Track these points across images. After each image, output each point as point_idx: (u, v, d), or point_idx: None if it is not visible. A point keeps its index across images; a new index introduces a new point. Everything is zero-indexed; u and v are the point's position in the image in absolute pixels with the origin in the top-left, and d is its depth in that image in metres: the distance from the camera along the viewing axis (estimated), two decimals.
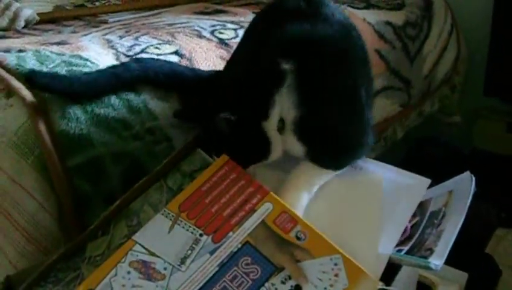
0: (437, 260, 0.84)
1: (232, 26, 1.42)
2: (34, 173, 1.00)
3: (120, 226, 0.94)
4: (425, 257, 0.86)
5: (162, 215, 0.88)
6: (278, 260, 0.83)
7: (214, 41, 1.32)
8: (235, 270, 0.83)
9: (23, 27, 1.50)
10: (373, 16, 1.58)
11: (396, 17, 1.63)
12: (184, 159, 0.98)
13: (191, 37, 1.33)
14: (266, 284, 0.82)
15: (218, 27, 1.41)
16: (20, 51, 1.20)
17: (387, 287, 0.89)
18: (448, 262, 0.85)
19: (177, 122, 1.08)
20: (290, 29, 0.96)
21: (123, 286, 0.83)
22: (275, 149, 0.94)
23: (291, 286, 0.81)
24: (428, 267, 0.84)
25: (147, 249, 0.86)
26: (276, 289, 0.81)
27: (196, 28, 1.39)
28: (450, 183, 1.01)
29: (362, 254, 0.85)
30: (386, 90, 1.55)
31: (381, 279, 0.85)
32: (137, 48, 1.25)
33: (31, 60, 1.14)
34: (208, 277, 0.82)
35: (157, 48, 1.26)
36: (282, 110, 0.91)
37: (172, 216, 0.88)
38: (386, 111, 1.58)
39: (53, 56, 1.17)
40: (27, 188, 1.00)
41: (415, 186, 0.98)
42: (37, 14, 1.54)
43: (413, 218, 0.96)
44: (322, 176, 0.95)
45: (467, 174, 0.98)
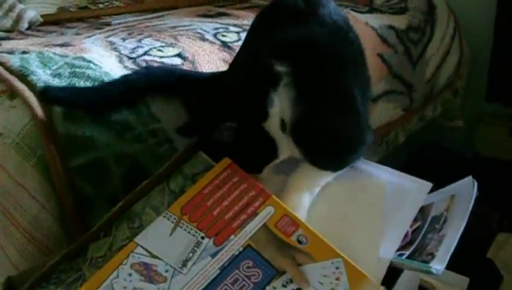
0: (438, 265, 0.84)
1: (234, 29, 1.42)
2: (36, 174, 1.00)
3: (122, 228, 0.94)
4: (427, 262, 0.86)
5: (164, 217, 0.88)
6: (280, 264, 0.83)
7: (216, 44, 1.32)
8: (237, 273, 0.83)
9: (27, 28, 1.50)
10: (376, 20, 1.58)
11: (399, 21, 1.63)
12: (186, 162, 0.98)
13: (194, 39, 1.33)
14: (267, 288, 0.81)
15: (221, 30, 1.41)
16: (23, 52, 1.21)
17: None
18: (449, 267, 0.85)
19: (180, 124, 1.08)
20: (285, 32, 0.96)
21: (124, 288, 0.83)
22: (281, 147, 0.93)
23: None
24: (429, 272, 0.84)
25: (148, 252, 0.86)
26: None
27: (199, 31, 1.40)
28: (452, 188, 1.01)
29: (364, 258, 0.85)
30: (388, 94, 1.55)
31: (382, 283, 0.85)
32: (140, 50, 1.25)
33: (34, 62, 1.14)
34: (209, 280, 0.82)
35: (160, 51, 1.26)
36: (282, 110, 0.91)
37: (174, 219, 0.88)
38: (388, 115, 1.58)
39: (56, 58, 1.17)
40: (29, 189, 1.01)
41: (417, 190, 0.98)
42: (41, 16, 1.54)
43: (414, 222, 0.96)
44: (322, 177, 0.95)
45: (469, 179, 0.98)
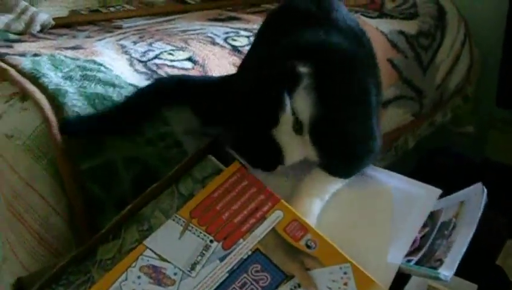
0: (447, 271, 0.84)
1: (245, 33, 1.42)
2: (46, 176, 1.01)
3: (131, 230, 0.94)
4: (435, 268, 0.85)
5: (173, 221, 0.89)
6: (288, 268, 0.83)
7: (227, 49, 1.32)
8: (245, 277, 0.83)
9: (39, 31, 1.50)
10: (386, 25, 1.58)
11: (409, 27, 1.62)
12: (196, 165, 0.98)
13: (204, 43, 1.34)
14: None
15: (231, 34, 1.41)
16: (35, 55, 1.21)
17: None
18: (458, 273, 0.84)
19: (189, 128, 1.08)
20: (305, 35, 0.96)
21: None
22: (289, 154, 0.92)
23: None
24: (437, 278, 0.84)
25: (157, 255, 0.86)
26: None
27: (209, 35, 1.40)
28: (462, 194, 1.01)
29: (372, 263, 0.85)
30: (398, 99, 1.55)
31: (390, 289, 0.85)
32: (151, 54, 1.25)
33: (45, 64, 1.15)
34: (218, 284, 0.83)
35: (170, 54, 1.26)
36: (299, 112, 0.90)
37: (184, 222, 0.88)
38: (398, 120, 1.58)
39: (67, 60, 1.18)
40: (39, 191, 1.01)
41: (426, 196, 0.97)
42: (53, 19, 1.54)
43: (423, 228, 0.96)
44: (332, 184, 0.95)
45: (479, 185, 0.98)
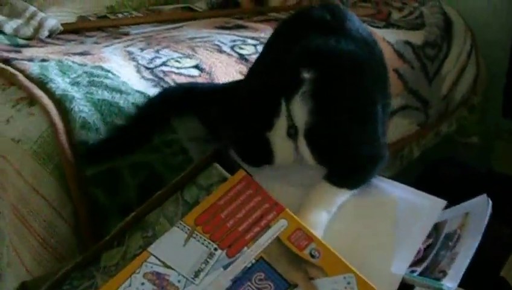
0: (450, 283, 0.84)
1: (252, 42, 1.43)
2: (52, 181, 1.02)
3: (135, 237, 0.94)
4: (439, 279, 0.85)
5: (178, 228, 0.89)
6: (292, 277, 0.83)
7: (234, 57, 1.33)
8: (249, 285, 0.83)
9: (47, 36, 1.51)
10: (392, 35, 1.58)
11: (416, 37, 1.63)
12: (201, 173, 0.99)
13: (211, 51, 1.34)
14: None
15: (238, 42, 1.42)
16: (43, 60, 1.22)
17: None
18: (461, 284, 0.84)
19: (195, 135, 1.09)
20: (314, 40, 0.97)
21: None
22: (279, 156, 0.94)
23: None
24: None
25: (161, 261, 0.86)
26: None
27: (216, 43, 1.40)
28: (466, 206, 1.00)
29: (375, 273, 0.85)
30: (404, 109, 1.55)
31: None
32: (158, 61, 1.26)
33: (53, 70, 1.16)
34: None
35: (177, 62, 1.27)
36: (295, 117, 0.91)
37: (188, 229, 0.88)
38: (403, 130, 1.58)
39: (75, 66, 1.19)
40: (45, 196, 1.02)
41: (431, 208, 0.97)
42: (61, 24, 1.55)
43: (427, 239, 0.96)
44: (339, 196, 0.95)
45: (484, 197, 0.98)
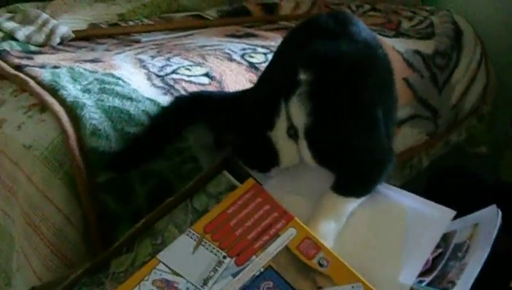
0: None
1: (262, 50, 1.43)
2: (63, 188, 1.02)
3: (144, 244, 0.95)
4: None
5: (187, 235, 0.89)
6: (300, 286, 0.83)
7: (244, 65, 1.33)
8: None
9: (58, 43, 1.52)
10: (402, 45, 1.58)
11: (426, 46, 1.63)
12: (210, 181, 0.99)
13: (221, 59, 1.35)
14: None
15: (248, 51, 1.42)
16: (55, 67, 1.23)
17: None
18: None
19: (205, 143, 1.09)
20: (316, 45, 0.98)
21: None
22: (284, 157, 0.96)
23: None
24: None
25: (170, 269, 0.86)
26: None
27: (227, 51, 1.41)
28: (476, 216, 1.00)
29: (383, 283, 0.85)
30: (413, 118, 1.55)
31: None
32: (169, 69, 1.26)
33: (65, 77, 1.17)
34: None
35: (188, 70, 1.27)
36: (294, 118, 0.93)
37: (197, 237, 0.89)
38: (413, 140, 1.58)
39: (86, 73, 1.19)
40: (55, 202, 1.02)
41: (440, 217, 0.97)
42: (72, 31, 1.56)
43: (436, 249, 0.95)
44: (347, 205, 0.95)
45: (493, 207, 0.97)
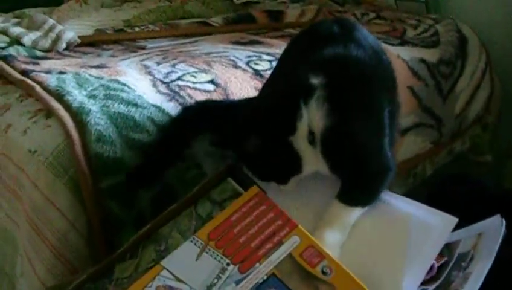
0: None
1: (267, 57, 1.43)
2: (67, 193, 1.02)
3: (148, 250, 0.95)
4: None
5: (191, 242, 0.89)
6: None
7: (249, 72, 1.33)
8: None
9: (64, 49, 1.53)
10: (407, 53, 1.58)
11: (431, 55, 1.63)
12: (215, 188, 0.99)
13: (226, 66, 1.35)
14: None
15: (253, 58, 1.42)
16: (60, 72, 1.24)
17: None
18: None
19: (209, 150, 1.09)
20: (323, 49, 0.98)
21: None
22: (306, 161, 0.93)
23: None
24: None
25: (174, 275, 0.86)
26: None
27: (232, 58, 1.41)
28: (480, 226, 1.00)
29: None
30: (417, 127, 1.55)
31: None
32: (174, 76, 1.27)
33: (70, 82, 1.17)
34: None
35: (193, 76, 1.27)
36: (312, 123, 0.91)
37: (201, 244, 0.89)
38: (417, 148, 1.57)
39: (92, 79, 1.20)
40: (60, 207, 1.03)
41: (442, 225, 0.96)
42: (78, 37, 1.57)
43: (441, 257, 0.95)
44: (352, 215, 0.94)
45: (497, 217, 0.97)
